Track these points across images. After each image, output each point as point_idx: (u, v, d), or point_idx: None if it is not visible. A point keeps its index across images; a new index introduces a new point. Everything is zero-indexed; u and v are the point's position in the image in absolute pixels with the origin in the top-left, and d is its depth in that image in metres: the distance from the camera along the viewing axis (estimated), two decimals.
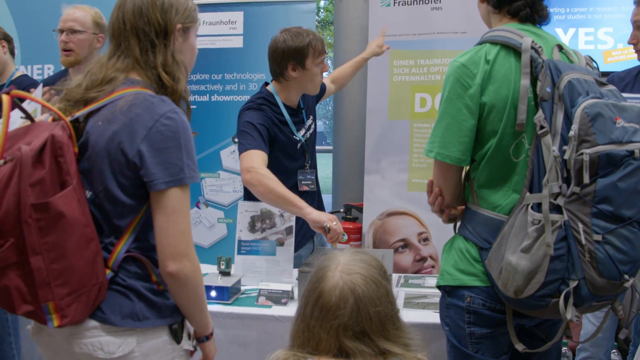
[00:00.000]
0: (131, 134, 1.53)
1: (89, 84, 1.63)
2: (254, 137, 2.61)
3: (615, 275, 1.59)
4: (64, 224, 1.46)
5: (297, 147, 2.82)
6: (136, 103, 1.55)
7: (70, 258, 1.47)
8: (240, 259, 2.63)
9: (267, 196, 2.50)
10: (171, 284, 1.59)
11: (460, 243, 1.85)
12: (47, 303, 1.46)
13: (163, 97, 1.60)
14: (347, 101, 4.19)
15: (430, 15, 3.65)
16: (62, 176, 1.48)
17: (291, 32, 2.71)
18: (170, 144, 1.54)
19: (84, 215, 1.51)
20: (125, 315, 1.57)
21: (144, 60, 1.63)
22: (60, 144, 1.48)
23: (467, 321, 1.80)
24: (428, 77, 3.68)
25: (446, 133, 1.77)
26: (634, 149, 1.57)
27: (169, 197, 1.54)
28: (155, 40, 1.64)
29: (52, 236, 1.44)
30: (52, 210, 1.43)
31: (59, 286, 1.46)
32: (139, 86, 1.61)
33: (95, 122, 1.58)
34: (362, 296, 1.36)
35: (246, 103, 2.78)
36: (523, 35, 1.72)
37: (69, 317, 1.49)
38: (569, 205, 1.60)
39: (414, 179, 3.74)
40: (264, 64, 4.04)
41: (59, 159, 1.48)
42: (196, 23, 1.76)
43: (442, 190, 1.87)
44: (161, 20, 1.64)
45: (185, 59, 1.72)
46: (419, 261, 3.72)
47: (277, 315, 2.25)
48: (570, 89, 1.62)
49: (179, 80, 1.65)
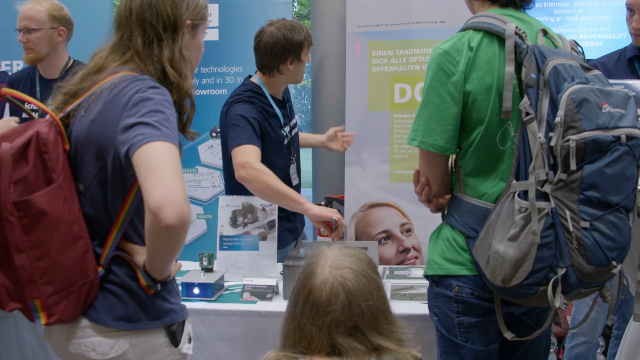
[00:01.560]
0: (108, 118, 1.48)
1: (85, 75, 1.60)
2: (247, 131, 2.56)
3: (603, 262, 1.58)
4: (47, 222, 1.43)
5: (284, 143, 2.80)
6: (112, 87, 1.51)
7: (55, 256, 1.44)
8: (222, 254, 2.59)
9: (265, 192, 2.46)
10: (164, 236, 1.39)
11: (447, 232, 1.84)
12: (34, 301, 1.45)
13: (144, 77, 1.54)
14: (326, 93, 4.16)
15: (408, 5, 3.63)
16: (48, 173, 1.46)
17: (286, 26, 2.67)
18: (146, 109, 1.44)
19: (70, 212, 1.47)
20: (118, 317, 1.53)
21: (146, 53, 1.58)
22: (45, 140, 1.45)
23: (455, 310, 1.79)
24: (407, 67, 3.66)
25: (429, 121, 1.75)
26: (620, 135, 1.57)
27: (149, 151, 1.38)
28: (163, 34, 1.59)
29: (35, 234, 1.42)
30: (33, 207, 1.41)
31: (45, 284, 1.44)
32: (124, 71, 1.56)
33: (78, 113, 1.56)
34: (353, 290, 1.33)
35: (233, 95, 2.73)
36: (507, 21, 1.70)
37: (57, 315, 1.46)
38: (555, 193, 1.59)
39: (396, 170, 3.72)
40: (240, 56, 4.04)
41: (44, 156, 1.45)
42: (206, 21, 1.72)
43: (429, 180, 1.85)
44: (171, 14, 1.59)
45: (192, 56, 1.67)
46: (402, 252, 3.71)
47: (262, 310, 2.22)
48: (556, 75, 1.61)
49: (186, 77, 1.60)
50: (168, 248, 1.45)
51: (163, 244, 1.43)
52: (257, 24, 3.90)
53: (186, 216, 1.36)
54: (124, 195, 1.54)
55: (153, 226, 1.36)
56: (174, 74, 1.58)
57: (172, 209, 1.33)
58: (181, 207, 1.34)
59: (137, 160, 1.38)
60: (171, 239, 1.40)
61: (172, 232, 1.36)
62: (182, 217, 1.34)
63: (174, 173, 1.37)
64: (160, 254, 1.49)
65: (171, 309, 1.60)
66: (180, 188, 1.37)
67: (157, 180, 1.35)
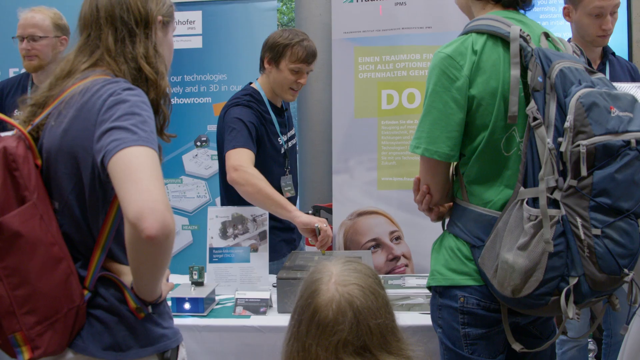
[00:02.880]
0: (82, 126, 1.37)
1: (52, 82, 1.49)
2: (243, 134, 2.53)
3: (615, 270, 1.54)
4: (23, 245, 1.29)
5: (281, 152, 2.76)
6: (83, 92, 1.40)
7: (35, 282, 1.31)
8: (212, 267, 2.51)
9: (255, 196, 2.42)
10: (145, 249, 1.27)
11: (450, 241, 1.78)
12: (14, 334, 1.30)
13: (117, 79, 1.44)
14: (312, 100, 4.09)
15: (394, 11, 3.59)
16: (20, 191, 1.33)
17: (288, 30, 2.71)
18: (121, 112, 1.34)
19: (49, 233, 1.35)
20: (106, 346, 1.40)
21: (119, 50, 1.48)
22: (14, 156, 1.33)
23: (461, 322, 1.73)
24: (394, 73, 3.62)
25: (433, 128, 1.70)
26: (630, 139, 1.53)
27: (125, 157, 1.27)
28: (136, 29, 1.50)
29: (10, 259, 1.28)
30: (5, 230, 1.27)
31: (26, 314, 1.30)
32: (95, 75, 1.45)
33: (48, 123, 1.44)
34: (361, 308, 1.26)
35: (232, 99, 2.71)
36: (510, 24, 1.66)
37: (42, 348, 1.32)
38: (566, 200, 1.54)
39: (384, 177, 3.67)
40: (224, 64, 3.97)
41: (15, 173, 1.32)
42: (174, 20, 1.66)
43: (430, 188, 1.80)
44: (142, 9, 1.51)
45: (165, 56, 1.59)
46: (391, 260, 3.65)
47: (257, 325, 2.14)
48: (563, 78, 1.57)
49: (162, 75, 1.52)
50: (152, 263, 1.33)
51: (147, 259, 1.30)
52: (242, 31, 3.90)
53: (169, 225, 1.24)
54: (105, 209, 1.42)
55: (133, 239, 1.24)
56: (151, 71, 1.50)
57: (152, 217, 1.21)
58: (163, 215, 1.22)
59: (113, 168, 1.27)
60: (155, 253, 1.27)
61: (155, 244, 1.23)
62: (165, 226, 1.22)
63: (153, 179, 1.26)
64: (145, 271, 1.36)
65: (164, 334, 1.48)
66: (161, 195, 1.25)
67: (134, 187, 1.23)
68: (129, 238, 1.26)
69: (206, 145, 3.97)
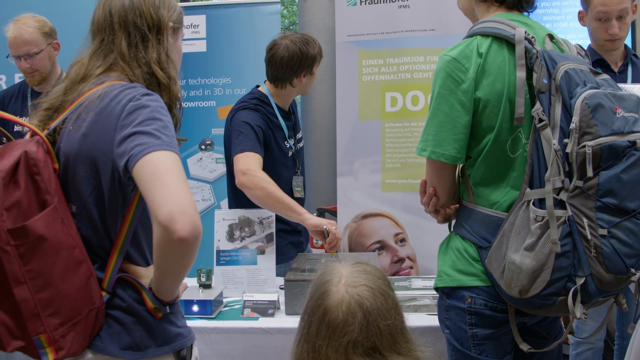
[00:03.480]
0: (102, 130, 1.39)
1: (68, 85, 1.51)
2: (250, 138, 2.53)
3: (622, 270, 1.55)
4: (47, 248, 1.32)
5: (289, 155, 2.77)
6: (102, 96, 1.42)
7: (58, 284, 1.33)
8: (219, 269, 2.53)
9: (265, 200, 2.43)
10: (175, 251, 1.30)
11: (457, 242, 1.80)
12: (39, 336, 1.32)
13: (135, 84, 1.47)
14: (316, 103, 4.11)
15: (398, 14, 3.60)
16: (42, 196, 1.35)
17: (301, 40, 2.66)
18: (142, 117, 1.37)
19: (70, 236, 1.37)
20: (125, 346, 1.43)
21: (132, 55, 1.51)
22: (35, 160, 1.34)
23: (468, 323, 1.74)
24: (398, 75, 3.63)
25: (440, 130, 1.71)
26: (635, 139, 1.54)
27: (152, 161, 1.30)
28: (149, 34, 1.53)
29: (35, 263, 1.30)
30: (31, 234, 1.30)
31: (50, 316, 1.32)
32: (111, 80, 1.48)
33: (66, 128, 1.46)
34: (371, 309, 1.27)
35: (239, 103, 2.71)
36: (515, 26, 1.68)
37: (65, 349, 1.35)
38: (572, 200, 1.56)
39: (388, 180, 3.68)
40: (228, 67, 3.98)
41: (36, 177, 1.34)
42: (183, 26, 1.68)
43: (437, 190, 1.81)
44: (154, 15, 1.54)
45: (175, 61, 1.62)
46: (396, 262, 3.66)
47: (265, 327, 2.16)
48: (568, 80, 1.58)
49: (175, 80, 1.55)
50: (179, 264, 1.36)
51: (174, 260, 1.34)
52: (245, 35, 3.91)
53: (199, 227, 1.28)
54: (123, 212, 1.45)
55: (164, 241, 1.28)
56: (164, 76, 1.53)
57: (184, 220, 1.25)
58: (193, 218, 1.27)
59: (140, 172, 1.30)
60: (184, 254, 1.31)
61: (185, 246, 1.27)
62: (195, 228, 1.27)
63: (181, 183, 1.30)
64: (170, 272, 1.39)
65: (179, 333, 1.52)
66: (190, 198, 1.29)
67: (164, 191, 1.27)
68: (159, 240, 1.29)
69: (211, 149, 3.99)
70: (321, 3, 4.04)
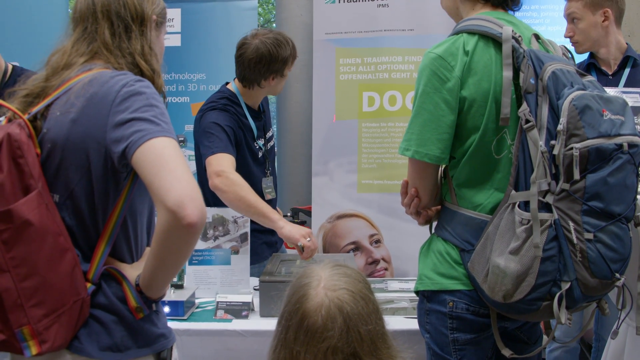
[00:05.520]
0: (94, 116, 1.35)
1: (49, 73, 1.45)
2: (222, 139, 2.46)
3: (607, 275, 1.53)
4: (32, 234, 1.26)
5: (259, 155, 2.71)
6: (92, 82, 1.38)
7: (43, 273, 1.27)
8: (191, 269, 2.46)
9: (237, 204, 2.36)
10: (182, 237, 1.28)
11: (439, 245, 1.76)
12: (22, 328, 1.26)
13: (124, 71, 1.43)
14: (291, 102, 4.07)
15: (377, 13, 3.57)
16: (25, 180, 1.29)
17: (272, 40, 2.55)
18: (139, 103, 1.34)
19: (55, 222, 1.32)
20: (104, 347, 1.37)
21: (115, 44, 1.47)
22: (19, 142, 1.29)
23: (449, 327, 1.71)
24: (375, 75, 3.60)
25: (424, 130, 1.67)
26: (622, 142, 1.52)
27: (155, 148, 1.28)
28: (132, 25, 1.49)
29: (19, 249, 1.25)
30: (16, 218, 1.24)
31: (34, 307, 1.26)
32: (97, 68, 1.44)
33: (53, 114, 1.40)
34: (352, 314, 1.23)
35: (207, 102, 2.64)
36: (502, 25, 1.64)
37: (49, 342, 1.28)
38: (558, 203, 1.53)
39: (364, 180, 3.64)
40: (203, 63, 3.91)
41: (19, 160, 1.29)
42: (166, 22, 1.65)
43: (419, 191, 1.76)
44: (138, 6, 1.50)
45: (158, 55, 1.58)
46: (371, 264, 3.63)
47: (239, 329, 2.10)
48: (555, 80, 1.56)
49: (158, 73, 1.50)
50: (181, 252, 1.34)
51: (178, 247, 1.31)
52: (221, 30, 3.84)
53: (206, 213, 1.29)
54: (115, 200, 1.40)
55: (171, 226, 1.25)
56: (147, 68, 1.49)
57: (193, 204, 1.24)
58: (201, 204, 1.27)
59: (142, 159, 1.28)
60: (189, 240, 1.29)
61: (192, 232, 1.26)
62: (203, 214, 1.27)
63: (186, 169, 1.29)
64: (171, 261, 1.35)
65: (161, 334, 1.46)
66: (196, 184, 1.29)
67: (171, 176, 1.25)
68: (166, 226, 1.26)
69: (183, 146, 3.91)
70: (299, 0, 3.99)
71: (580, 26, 2.73)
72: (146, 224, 1.53)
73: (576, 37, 2.77)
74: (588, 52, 2.84)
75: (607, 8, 2.68)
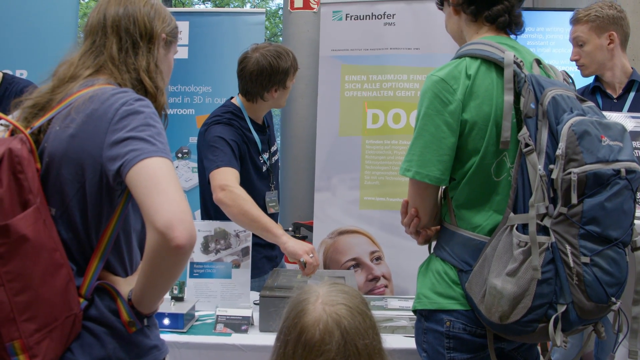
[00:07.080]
0: (92, 132, 1.37)
1: (56, 84, 1.48)
2: (226, 152, 2.48)
3: (603, 299, 1.54)
4: (28, 249, 1.27)
5: (263, 169, 2.72)
6: (93, 98, 1.40)
7: (37, 288, 1.28)
8: (192, 282, 2.47)
9: (241, 218, 2.38)
10: (170, 258, 1.30)
11: (437, 265, 1.77)
12: (13, 342, 1.26)
13: (126, 89, 1.46)
14: (296, 117, 4.10)
15: (383, 31, 3.61)
16: (24, 195, 1.30)
17: (272, 53, 2.58)
18: (136, 122, 1.36)
19: (51, 238, 1.33)
20: (97, 358, 1.38)
21: (121, 59, 1.50)
22: (19, 158, 1.30)
23: (446, 346, 1.72)
24: (380, 92, 3.63)
25: (425, 151, 1.69)
26: (620, 168, 1.54)
27: (148, 167, 1.30)
28: (140, 41, 1.52)
29: (14, 264, 1.26)
30: (13, 233, 1.25)
31: (26, 321, 1.27)
32: (100, 83, 1.46)
33: (53, 128, 1.42)
34: (349, 329, 1.25)
35: (212, 117, 2.66)
36: (504, 50, 1.67)
37: (39, 357, 1.29)
38: (555, 227, 1.54)
39: (366, 197, 3.67)
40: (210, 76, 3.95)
41: (19, 175, 1.30)
42: (177, 42, 1.68)
43: (419, 211, 1.78)
44: (147, 24, 1.54)
45: (164, 72, 1.61)
46: (371, 281, 3.64)
47: (238, 344, 2.11)
48: (555, 106, 1.58)
49: (162, 91, 1.53)
50: (170, 273, 1.34)
51: (166, 268, 1.32)
52: (229, 43, 3.88)
53: (195, 235, 1.29)
54: (109, 217, 1.42)
55: (160, 247, 1.26)
56: (151, 85, 1.52)
57: (182, 226, 1.25)
58: (191, 226, 1.27)
59: (135, 178, 1.29)
60: (178, 262, 1.30)
61: (180, 253, 1.27)
62: (192, 236, 1.27)
63: (178, 190, 1.30)
64: (160, 281, 1.36)
65: (154, 346, 1.48)
66: (187, 206, 1.29)
67: (162, 197, 1.27)
68: (154, 247, 1.27)
69: (187, 157, 3.94)
70: (306, 16, 4.04)
71: (586, 49, 2.75)
72: (140, 239, 1.53)
73: (582, 61, 2.80)
74: (594, 75, 2.86)
75: (613, 31, 2.71)
